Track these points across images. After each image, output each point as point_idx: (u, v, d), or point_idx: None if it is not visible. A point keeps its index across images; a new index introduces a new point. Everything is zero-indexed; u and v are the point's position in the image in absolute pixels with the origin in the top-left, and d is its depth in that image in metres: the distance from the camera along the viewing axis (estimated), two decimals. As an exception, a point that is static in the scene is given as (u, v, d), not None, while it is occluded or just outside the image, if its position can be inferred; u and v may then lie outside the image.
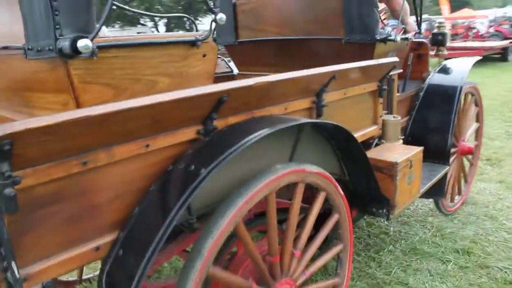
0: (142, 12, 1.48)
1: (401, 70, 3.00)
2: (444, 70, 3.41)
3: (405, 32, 2.98)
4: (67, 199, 1.23)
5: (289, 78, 1.71)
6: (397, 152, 2.43)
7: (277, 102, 1.82)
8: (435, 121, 3.15)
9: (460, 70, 3.35)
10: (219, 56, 3.44)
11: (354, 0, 2.48)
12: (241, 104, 1.60)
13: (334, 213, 2.00)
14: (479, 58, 3.73)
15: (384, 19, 2.93)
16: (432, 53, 3.66)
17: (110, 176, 1.31)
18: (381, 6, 3.11)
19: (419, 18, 2.95)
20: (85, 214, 1.28)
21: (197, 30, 1.59)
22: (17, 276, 1.09)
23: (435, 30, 3.57)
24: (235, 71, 3.45)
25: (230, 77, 3.30)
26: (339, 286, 2.16)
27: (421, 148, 2.50)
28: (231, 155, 1.34)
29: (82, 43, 1.13)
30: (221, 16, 1.48)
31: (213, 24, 1.59)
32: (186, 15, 1.78)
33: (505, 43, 16.19)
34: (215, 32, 1.74)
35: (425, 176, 2.94)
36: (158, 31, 32.26)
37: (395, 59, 2.48)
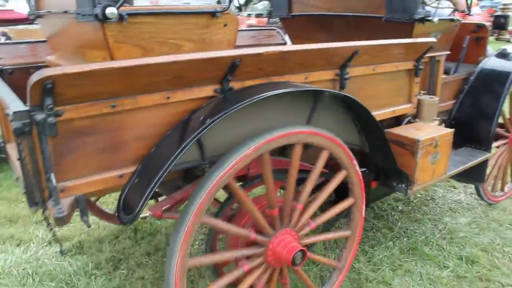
0: None
1: (449, 52, 3.04)
2: (501, 55, 3.37)
3: (455, 11, 3.01)
4: (99, 133, 1.58)
5: (303, 49, 1.93)
6: (424, 131, 2.55)
7: (297, 71, 2.05)
8: (481, 106, 3.17)
9: None
10: (274, 28, 3.69)
11: None
12: (256, 70, 1.85)
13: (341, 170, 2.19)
14: None
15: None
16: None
17: (135, 120, 1.65)
18: None
19: None
20: (113, 147, 1.63)
21: (219, 3, 1.84)
22: (54, 185, 1.46)
23: (498, 13, 3.50)
24: (289, 43, 3.68)
25: None
26: (350, 238, 2.37)
27: (451, 130, 2.59)
28: (232, 110, 1.61)
29: (109, 10, 1.47)
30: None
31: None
32: None
33: None
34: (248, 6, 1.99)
35: (460, 160, 3.01)
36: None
37: (431, 39, 2.57)
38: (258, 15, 17.11)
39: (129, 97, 1.60)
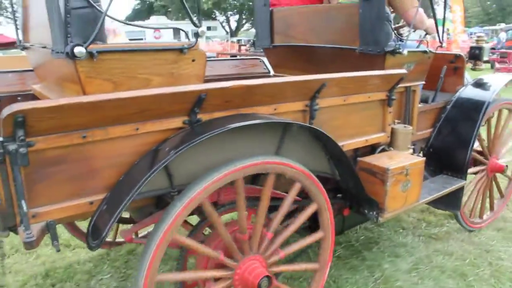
0: (133, 23, 1.94)
1: (424, 82, 3.20)
2: (477, 85, 3.53)
3: (426, 38, 3.19)
4: (70, 162, 1.72)
5: (269, 83, 2.09)
6: (396, 159, 2.68)
7: (265, 103, 2.20)
8: (457, 134, 3.31)
9: (492, 85, 3.46)
10: (258, 57, 3.88)
11: (367, 14, 2.76)
12: (223, 102, 2.00)
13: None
14: None
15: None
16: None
17: (106, 150, 1.79)
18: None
19: (440, 31, 3.12)
20: (84, 175, 1.77)
21: (189, 39, 2.00)
22: (25, 211, 1.60)
23: (473, 44, 3.69)
24: (272, 72, 3.85)
25: (266, 77, 3.72)
26: (318, 271, 2.49)
27: (422, 159, 2.73)
28: (196, 142, 1.75)
29: (77, 50, 1.63)
30: (202, 29, 1.89)
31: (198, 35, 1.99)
32: (180, 28, 2.21)
33: None
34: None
35: (435, 187, 3.14)
36: (229, 25, 35.85)
37: (402, 71, 2.73)
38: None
39: (100, 128, 1.74)
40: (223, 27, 39.01)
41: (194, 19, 1.88)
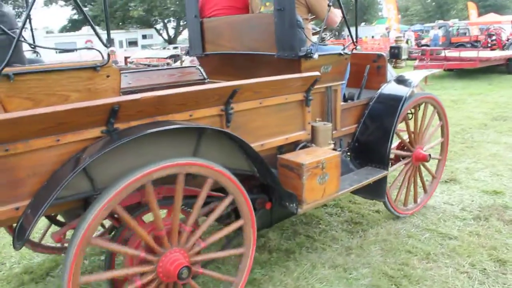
0: (44, 46, 2.26)
1: (344, 82, 3.59)
2: (397, 81, 3.96)
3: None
4: (-4, 173, 2.02)
5: (180, 93, 2.42)
6: (313, 155, 3.05)
7: (180, 110, 2.52)
8: (378, 128, 3.72)
9: (409, 81, 3.88)
10: (194, 65, 4.21)
11: (281, 22, 3.14)
12: (137, 112, 2.32)
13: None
14: (436, 71, 4.22)
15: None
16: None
17: (28, 160, 2.09)
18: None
19: (354, 32, 3.50)
20: (9, 184, 2.06)
21: (103, 58, 2.32)
22: None
23: (393, 44, 4.11)
24: (208, 79, 4.20)
25: (201, 83, 4.06)
26: (244, 255, 2.83)
27: (337, 153, 3.11)
28: (108, 148, 2.07)
29: None
30: (111, 49, 2.21)
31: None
32: (95, 48, 2.51)
33: (508, 53, 15.91)
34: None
35: (357, 178, 3.53)
36: (167, 32, 36.78)
37: (313, 73, 3.10)
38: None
39: (22, 141, 2.04)
40: (160, 34, 39.28)
41: (104, 39, 2.19)
